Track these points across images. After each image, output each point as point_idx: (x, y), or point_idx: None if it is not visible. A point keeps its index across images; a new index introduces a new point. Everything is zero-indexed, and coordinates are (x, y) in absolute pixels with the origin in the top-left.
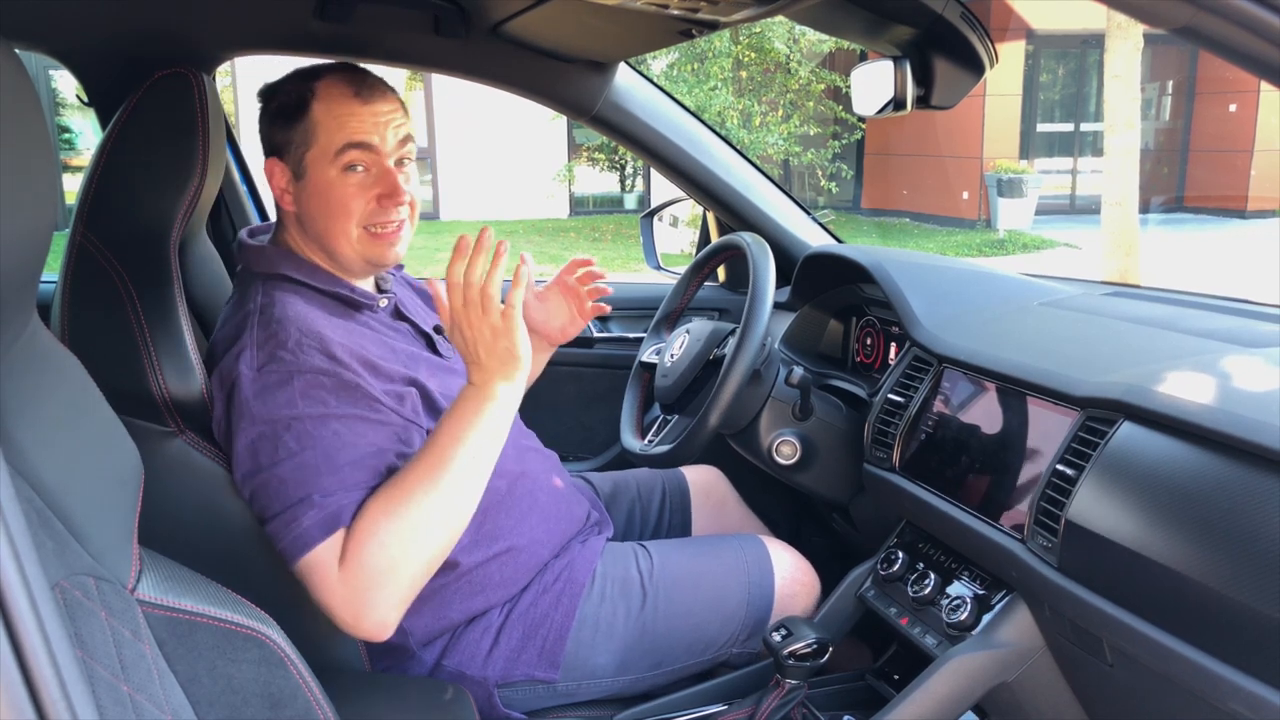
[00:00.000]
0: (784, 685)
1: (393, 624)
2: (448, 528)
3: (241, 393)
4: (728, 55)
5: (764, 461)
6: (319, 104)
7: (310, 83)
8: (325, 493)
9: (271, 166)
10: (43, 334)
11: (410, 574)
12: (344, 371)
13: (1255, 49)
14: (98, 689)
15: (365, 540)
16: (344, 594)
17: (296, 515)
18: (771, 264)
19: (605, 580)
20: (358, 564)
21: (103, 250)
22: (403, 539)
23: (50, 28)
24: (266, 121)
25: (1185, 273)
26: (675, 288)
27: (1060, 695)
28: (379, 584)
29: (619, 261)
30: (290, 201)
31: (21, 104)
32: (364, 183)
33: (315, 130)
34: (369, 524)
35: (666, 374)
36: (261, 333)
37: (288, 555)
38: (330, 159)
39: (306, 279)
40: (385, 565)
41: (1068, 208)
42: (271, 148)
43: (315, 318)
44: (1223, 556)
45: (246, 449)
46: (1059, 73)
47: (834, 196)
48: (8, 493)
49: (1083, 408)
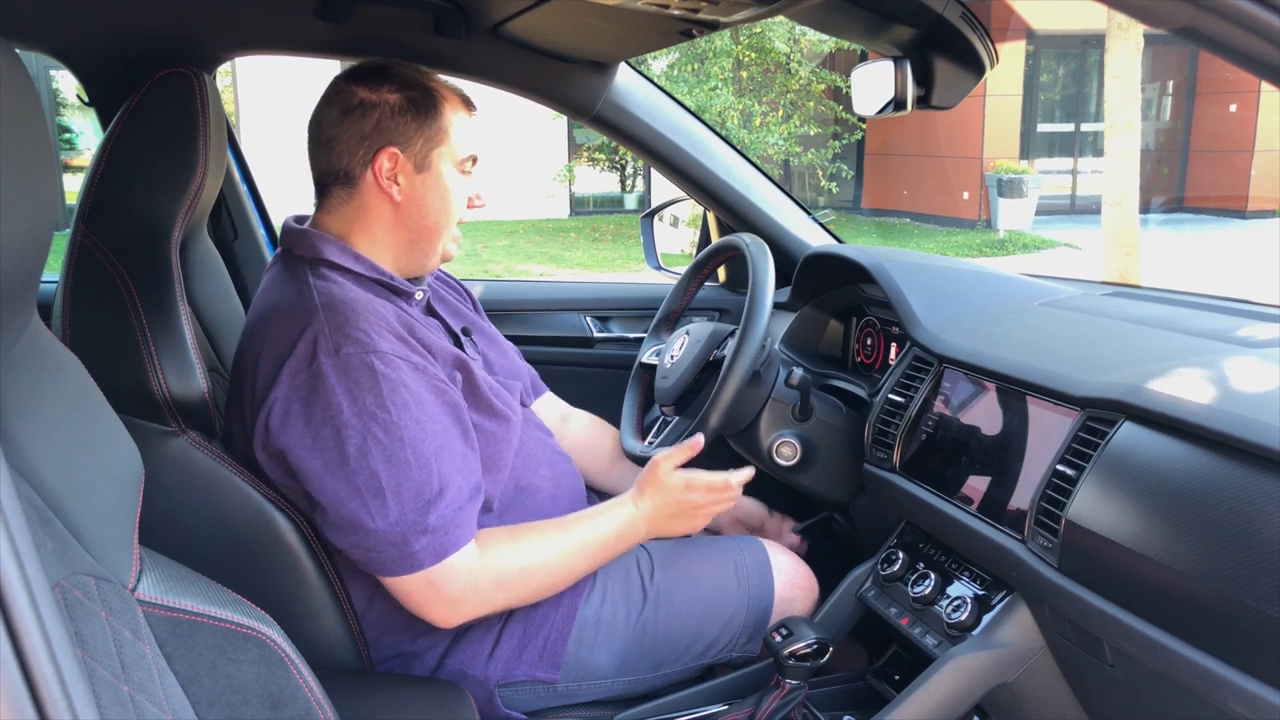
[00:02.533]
0: (784, 685)
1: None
2: (550, 578)
3: (327, 380)
4: (728, 55)
5: (764, 463)
6: (448, 107)
7: (433, 84)
8: (441, 504)
9: (388, 156)
10: (43, 334)
11: (504, 599)
12: (413, 354)
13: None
14: (98, 689)
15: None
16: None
17: (422, 522)
18: (770, 265)
19: (606, 581)
20: (488, 567)
21: (103, 250)
22: (521, 564)
23: (50, 28)
24: (391, 114)
25: (1185, 273)
26: (675, 288)
27: (1060, 695)
28: (483, 593)
29: (619, 261)
30: (399, 192)
31: (22, 104)
32: (469, 188)
33: (448, 131)
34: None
35: (666, 375)
36: (331, 316)
37: (399, 567)
38: (456, 162)
39: (351, 265)
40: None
41: (1068, 208)
42: (389, 139)
43: (372, 300)
44: (1223, 556)
45: (333, 435)
46: (1059, 73)
47: (834, 196)
48: (8, 492)
49: (1083, 408)
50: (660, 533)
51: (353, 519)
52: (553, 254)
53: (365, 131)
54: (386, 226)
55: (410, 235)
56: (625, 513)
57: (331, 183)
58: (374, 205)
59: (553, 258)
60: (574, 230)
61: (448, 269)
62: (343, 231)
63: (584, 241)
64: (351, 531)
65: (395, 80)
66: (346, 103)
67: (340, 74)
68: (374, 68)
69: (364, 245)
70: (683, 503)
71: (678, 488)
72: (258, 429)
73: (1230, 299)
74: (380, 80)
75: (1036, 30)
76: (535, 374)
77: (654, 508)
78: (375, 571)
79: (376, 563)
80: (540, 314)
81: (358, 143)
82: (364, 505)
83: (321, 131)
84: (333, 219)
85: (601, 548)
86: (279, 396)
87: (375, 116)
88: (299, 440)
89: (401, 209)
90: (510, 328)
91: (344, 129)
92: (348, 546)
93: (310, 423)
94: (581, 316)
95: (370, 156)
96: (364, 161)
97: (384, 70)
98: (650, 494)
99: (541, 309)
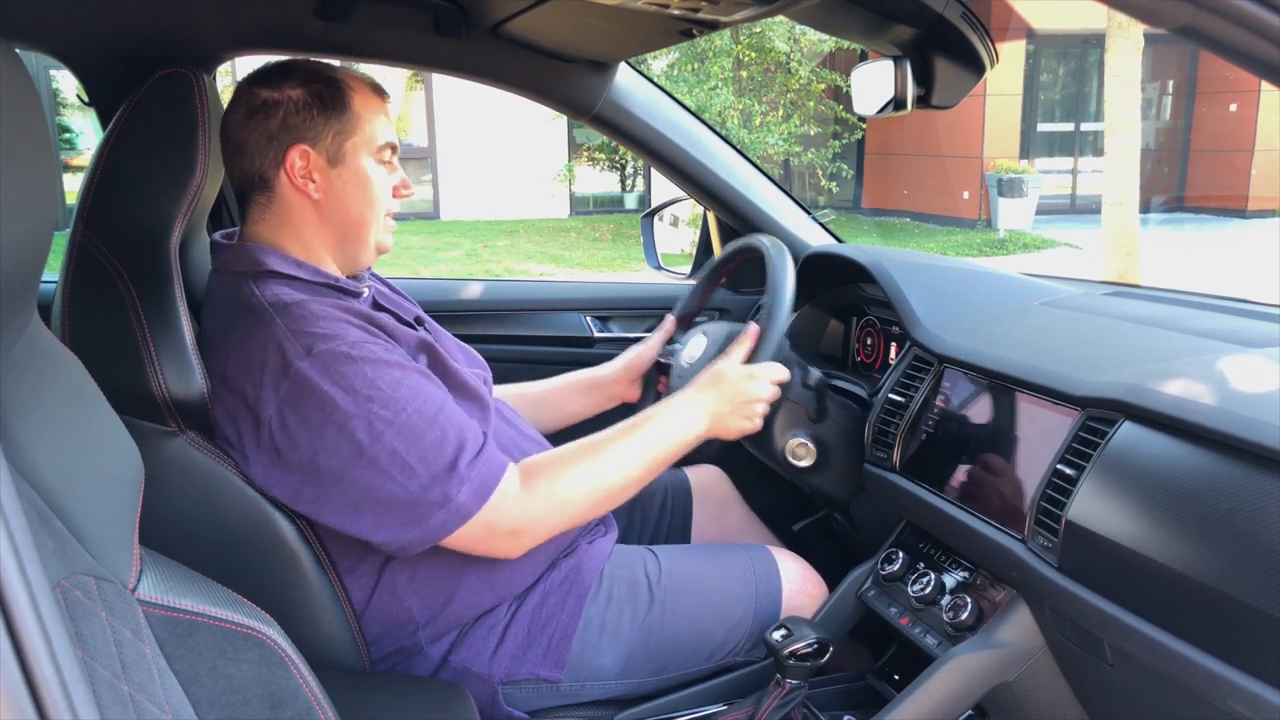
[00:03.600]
0: (784, 685)
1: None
2: (606, 492)
3: (311, 382)
4: (728, 55)
5: (778, 464)
6: (357, 98)
7: (338, 75)
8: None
9: (299, 153)
10: (43, 334)
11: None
12: (378, 339)
13: (1255, 49)
14: (98, 689)
15: (542, 477)
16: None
17: (455, 471)
18: (791, 266)
19: (612, 582)
20: (537, 495)
21: (103, 250)
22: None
23: (50, 28)
24: (295, 110)
25: (1185, 273)
26: (693, 289)
27: (1060, 695)
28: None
29: (619, 261)
30: (315, 189)
31: (22, 104)
32: (392, 178)
33: (359, 121)
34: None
35: (683, 375)
36: (289, 322)
37: (467, 511)
38: (373, 151)
39: (294, 272)
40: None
41: (1068, 208)
42: (298, 136)
43: (322, 302)
44: (1223, 556)
45: (338, 432)
46: (1059, 73)
47: (834, 196)
48: (8, 492)
49: (1083, 407)
50: (719, 430)
51: (390, 500)
52: (553, 254)
53: (272, 131)
54: (312, 227)
55: (337, 231)
56: (679, 411)
57: (250, 189)
58: (295, 206)
59: (553, 258)
60: (574, 230)
61: (403, 286)
62: (272, 239)
63: (584, 241)
64: (396, 515)
65: (297, 76)
66: (250, 104)
67: (244, 78)
68: (277, 67)
69: (298, 250)
70: (746, 394)
71: (742, 377)
72: (262, 452)
73: (1230, 299)
74: (282, 78)
75: (1036, 30)
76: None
77: (716, 401)
78: (430, 541)
79: (429, 531)
80: (540, 314)
81: (266, 144)
82: (395, 482)
83: (230, 137)
84: (260, 228)
85: (657, 450)
86: (271, 414)
87: (280, 115)
88: (308, 447)
89: (322, 206)
90: (510, 328)
91: (250, 131)
92: (396, 533)
93: (311, 427)
94: (581, 316)
95: (281, 156)
96: (275, 162)
97: (286, 68)
98: (711, 390)
99: (541, 309)
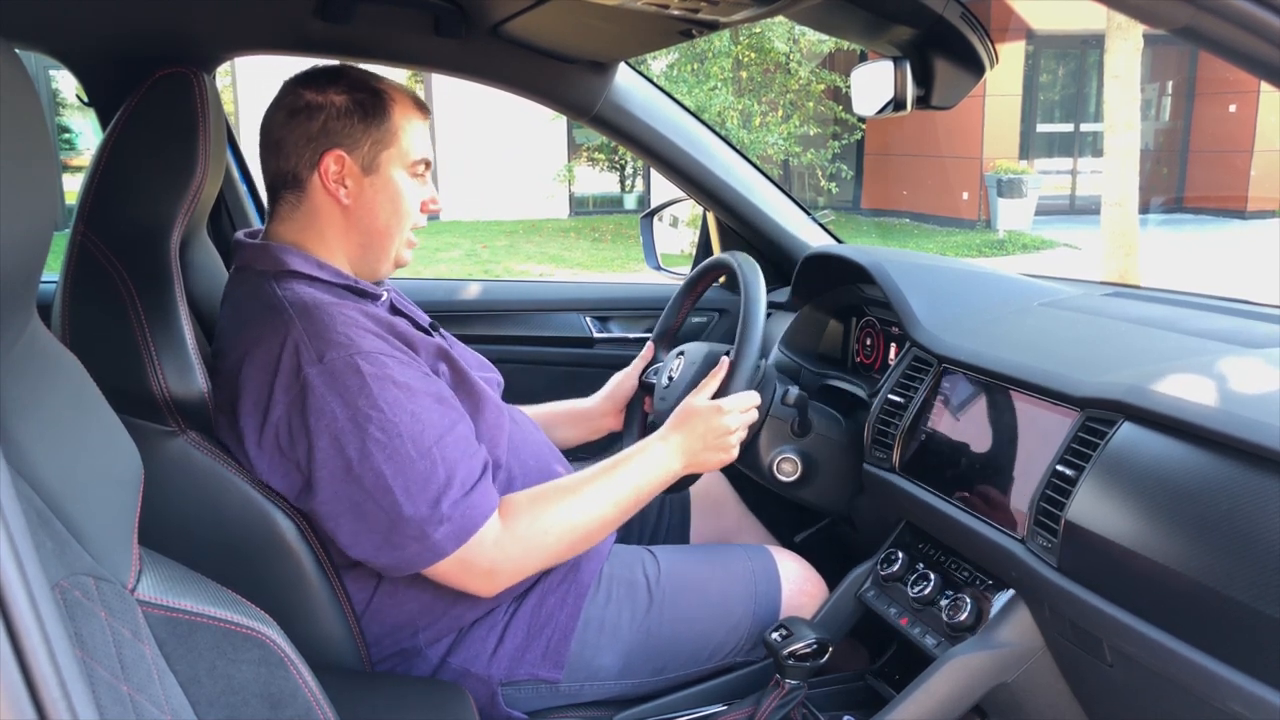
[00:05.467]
0: (784, 685)
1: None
2: (583, 534)
3: (316, 390)
4: (728, 55)
5: (766, 479)
6: (398, 110)
7: (382, 86)
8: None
9: (335, 158)
10: (43, 334)
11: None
12: (395, 350)
13: (1255, 49)
14: (98, 689)
15: (520, 517)
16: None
17: (437, 509)
18: (762, 286)
19: (611, 582)
20: (513, 535)
21: (103, 250)
22: (552, 523)
23: (50, 28)
24: (336, 115)
25: (1185, 273)
26: (669, 307)
27: (1060, 695)
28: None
29: (619, 261)
30: (346, 195)
31: (21, 104)
32: (422, 192)
33: (397, 134)
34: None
35: (664, 397)
36: (308, 325)
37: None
38: (407, 165)
39: (315, 273)
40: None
41: (1068, 208)
42: (335, 141)
43: (343, 305)
44: (1222, 556)
45: (331, 443)
46: (1059, 73)
47: (834, 196)
48: (8, 493)
49: (1083, 408)
50: (695, 466)
51: (370, 519)
52: (553, 254)
53: (312, 133)
54: (338, 231)
55: (361, 239)
56: (653, 454)
57: (281, 187)
58: (323, 209)
59: (553, 258)
60: (574, 230)
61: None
62: (297, 239)
63: (584, 241)
64: (371, 536)
65: (343, 82)
66: (293, 105)
67: (291, 77)
68: (324, 71)
69: (320, 251)
70: (717, 429)
71: (711, 412)
72: (264, 451)
73: (1230, 299)
74: (328, 82)
75: (1036, 30)
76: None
77: (689, 439)
78: (405, 569)
79: (404, 560)
80: (540, 314)
81: (304, 145)
82: (376, 505)
83: (270, 134)
84: (285, 227)
85: (633, 493)
86: (279, 415)
87: (321, 118)
88: (305, 450)
89: (350, 212)
90: (510, 328)
91: (291, 131)
92: (371, 552)
93: (308, 434)
94: (581, 316)
95: (317, 159)
96: (311, 164)
97: (334, 73)
98: (682, 428)
99: (541, 309)
